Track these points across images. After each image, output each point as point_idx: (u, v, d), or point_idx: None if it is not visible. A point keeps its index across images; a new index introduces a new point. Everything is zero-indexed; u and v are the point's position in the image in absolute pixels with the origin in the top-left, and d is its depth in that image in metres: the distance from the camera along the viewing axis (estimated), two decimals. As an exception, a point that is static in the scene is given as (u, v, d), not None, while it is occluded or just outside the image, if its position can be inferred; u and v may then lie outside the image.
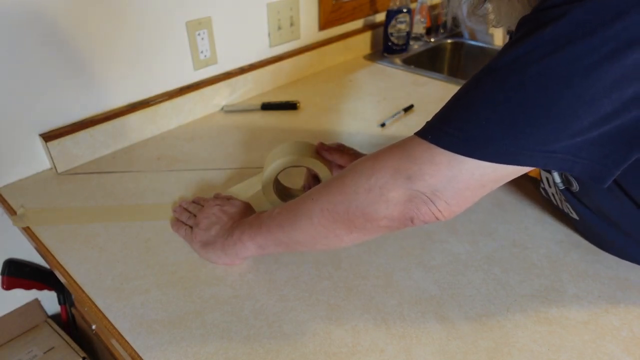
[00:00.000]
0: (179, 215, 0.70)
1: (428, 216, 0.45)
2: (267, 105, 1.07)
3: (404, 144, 0.46)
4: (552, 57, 0.38)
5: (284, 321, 0.55)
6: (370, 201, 0.46)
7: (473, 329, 0.53)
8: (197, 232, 0.64)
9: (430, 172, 0.43)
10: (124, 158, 0.89)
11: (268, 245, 0.57)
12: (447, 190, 0.43)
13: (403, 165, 0.45)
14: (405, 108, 1.04)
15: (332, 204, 0.49)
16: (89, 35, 0.81)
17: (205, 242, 0.63)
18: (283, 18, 1.12)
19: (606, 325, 0.53)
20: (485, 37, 1.44)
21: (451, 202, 0.44)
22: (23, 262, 0.98)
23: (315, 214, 0.51)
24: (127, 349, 0.52)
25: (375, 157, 0.48)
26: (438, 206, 0.44)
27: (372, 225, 0.48)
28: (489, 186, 0.44)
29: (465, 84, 0.45)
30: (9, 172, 0.81)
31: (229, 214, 0.64)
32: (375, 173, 0.46)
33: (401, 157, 0.45)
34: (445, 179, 0.43)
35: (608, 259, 0.62)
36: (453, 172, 0.42)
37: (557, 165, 0.41)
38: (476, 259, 0.63)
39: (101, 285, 0.60)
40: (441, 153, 0.42)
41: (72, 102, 0.83)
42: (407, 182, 0.44)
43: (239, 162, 0.87)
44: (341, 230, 0.50)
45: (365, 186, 0.47)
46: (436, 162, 0.43)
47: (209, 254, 0.62)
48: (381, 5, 1.38)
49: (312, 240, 0.53)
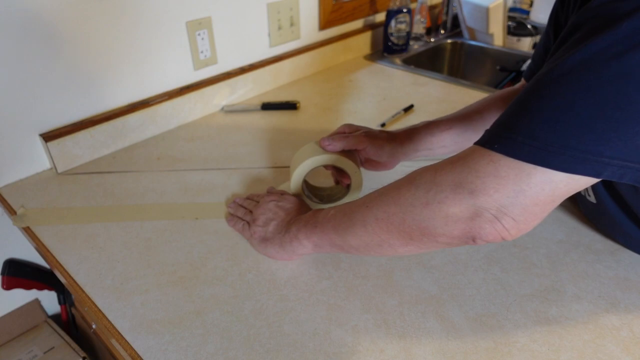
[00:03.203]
0: (235, 211, 0.70)
1: (493, 236, 0.42)
2: (267, 105, 1.07)
3: (465, 155, 0.43)
4: (630, 54, 0.34)
5: (284, 321, 0.55)
6: (428, 216, 0.44)
7: (473, 329, 0.53)
8: (255, 228, 0.64)
9: (495, 187, 0.40)
10: (124, 158, 0.89)
11: (324, 245, 0.57)
12: (514, 206, 0.39)
13: (465, 179, 0.41)
14: (405, 108, 1.04)
15: (386, 213, 0.47)
16: (89, 35, 0.81)
17: (264, 238, 0.63)
18: (283, 18, 1.12)
19: (606, 325, 0.53)
20: (485, 37, 1.44)
21: (519, 219, 0.40)
22: (23, 262, 0.98)
23: (370, 222, 0.49)
24: (127, 348, 0.52)
25: (434, 169, 0.45)
26: (505, 224, 0.41)
27: (430, 240, 0.45)
28: (557, 201, 0.41)
29: (528, 89, 0.41)
30: (9, 172, 0.81)
31: (285, 209, 0.64)
32: (434, 187, 0.43)
33: (462, 169, 0.42)
34: (512, 193, 0.39)
35: (608, 259, 0.62)
36: (521, 186, 0.39)
37: (633, 177, 0.38)
38: (476, 259, 0.63)
39: (101, 285, 0.60)
40: (507, 165, 0.39)
41: (72, 102, 0.83)
42: (470, 197, 0.41)
43: (239, 162, 0.87)
44: (396, 240, 0.48)
45: (423, 200, 0.44)
46: (501, 174, 0.39)
47: (267, 249, 0.62)
48: (381, 5, 1.38)
49: (366, 247, 0.52)
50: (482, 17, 1.40)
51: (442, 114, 1.03)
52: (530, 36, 1.49)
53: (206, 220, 0.71)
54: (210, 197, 0.77)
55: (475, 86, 1.16)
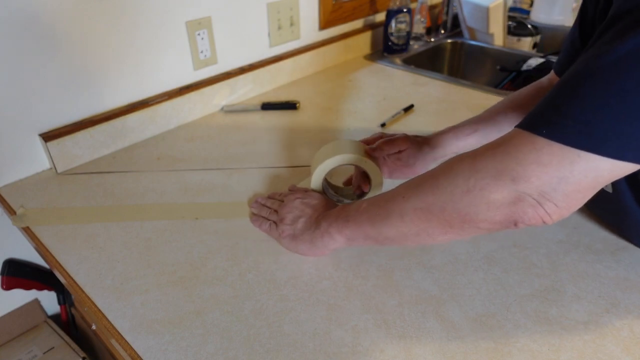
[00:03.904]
0: (259, 211, 0.70)
1: (535, 220, 0.42)
2: (267, 105, 1.07)
3: (505, 142, 0.43)
4: None
5: (284, 321, 0.55)
6: (469, 203, 0.44)
7: (473, 329, 0.53)
8: (283, 227, 0.64)
9: (537, 174, 0.40)
10: (124, 158, 0.88)
11: (356, 238, 0.57)
12: (556, 192, 0.40)
13: (506, 166, 0.41)
14: (405, 108, 1.04)
15: (425, 203, 0.48)
16: (89, 35, 0.81)
17: (293, 236, 0.63)
18: (283, 18, 1.12)
19: (606, 325, 0.53)
20: (486, 37, 1.44)
21: (561, 204, 0.41)
22: (23, 262, 0.98)
23: (407, 213, 0.49)
24: (127, 349, 0.52)
25: (473, 156, 0.45)
26: (547, 209, 0.41)
27: (470, 227, 0.46)
28: (598, 188, 0.41)
29: (578, 73, 0.40)
30: (8, 172, 0.81)
31: (311, 205, 0.64)
32: (475, 174, 0.43)
33: (504, 157, 0.42)
34: (555, 180, 0.39)
35: (608, 259, 0.62)
36: (564, 173, 0.39)
37: None
38: (476, 259, 0.63)
39: (101, 285, 0.60)
40: (550, 152, 0.39)
41: (72, 102, 0.83)
42: (512, 183, 0.41)
43: (239, 162, 0.87)
44: (435, 229, 0.48)
45: (463, 187, 0.44)
46: (544, 162, 0.39)
47: (298, 247, 0.63)
48: (381, 5, 1.38)
49: (403, 237, 0.52)
50: (482, 17, 1.39)
51: (442, 114, 1.03)
52: (531, 36, 1.49)
53: (206, 220, 0.71)
54: (210, 197, 0.77)
55: (475, 86, 1.16)
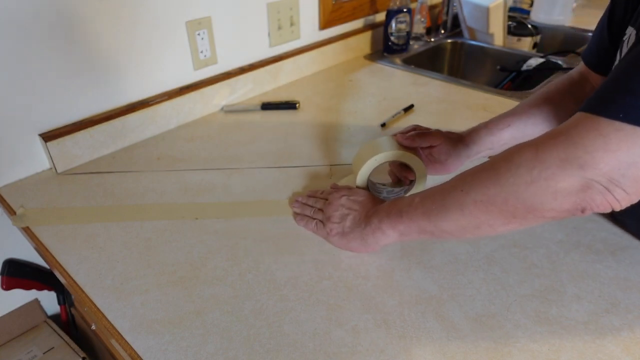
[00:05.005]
0: (302, 211, 0.70)
1: (604, 206, 0.42)
2: (267, 105, 1.07)
3: (569, 128, 0.42)
4: None
5: (284, 321, 0.55)
6: (534, 193, 0.43)
7: (473, 329, 0.53)
8: (331, 225, 0.64)
9: (605, 160, 0.39)
10: (124, 158, 0.88)
11: (410, 233, 0.57)
12: (625, 178, 0.39)
13: (572, 154, 0.40)
14: (405, 108, 1.04)
15: (486, 195, 0.47)
16: (89, 35, 0.81)
17: (342, 234, 0.63)
18: (283, 18, 1.12)
19: (606, 325, 0.53)
20: (486, 37, 1.44)
21: (630, 190, 0.40)
22: (23, 262, 0.98)
23: (467, 206, 0.49)
24: (127, 349, 0.52)
25: (535, 145, 0.44)
26: (615, 195, 0.41)
27: (535, 216, 0.45)
28: None
29: (638, 54, 0.39)
30: (8, 172, 0.81)
31: (358, 202, 0.64)
32: (538, 164, 0.42)
33: (568, 145, 0.41)
34: (624, 166, 0.39)
35: (608, 259, 0.62)
36: (633, 158, 0.38)
37: None
38: (476, 259, 0.63)
39: (101, 285, 0.60)
40: (618, 137, 0.38)
41: (72, 102, 0.83)
42: (580, 171, 0.40)
43: (239, 162, 0.87)
44: (496, 220, 0.48)
45: (527, 178, 0.43)
46: (612, 148, 0.39)
47: (349, 244, 0.63)
48: (381, 5, 1.38)
49: (462, 230, 0.51)
50: (482, 17, 1.39)
51: (443, 114, 1.03)
52: (531, 36, 1.49)
53: (206, 220, 0.71)
54: (210, 197, 0.77)
55: (475, 86, 1.16)
